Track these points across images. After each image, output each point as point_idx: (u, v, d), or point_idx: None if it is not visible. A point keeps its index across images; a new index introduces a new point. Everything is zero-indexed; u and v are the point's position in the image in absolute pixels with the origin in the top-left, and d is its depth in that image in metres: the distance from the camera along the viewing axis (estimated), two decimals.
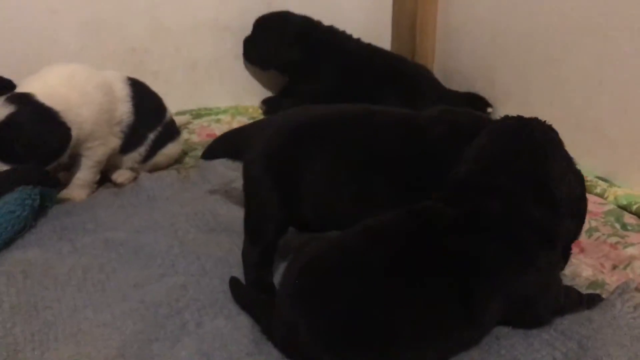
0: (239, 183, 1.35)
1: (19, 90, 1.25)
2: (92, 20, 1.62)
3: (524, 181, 0.86)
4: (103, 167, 1.37)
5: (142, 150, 1.40)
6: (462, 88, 1.77)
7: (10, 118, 1.19)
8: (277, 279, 0.98)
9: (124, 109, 1.36)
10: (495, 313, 0.85)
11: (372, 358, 0.82)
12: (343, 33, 1.80)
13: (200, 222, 1.23)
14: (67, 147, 1.24)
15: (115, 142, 1.35)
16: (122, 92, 1.36)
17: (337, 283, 0.83)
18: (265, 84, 1.89)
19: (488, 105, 1.70)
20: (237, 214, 1.24)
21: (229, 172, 1.41)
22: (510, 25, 1.60)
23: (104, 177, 1.41)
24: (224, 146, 1.20)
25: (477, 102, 1.70)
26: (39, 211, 1.21)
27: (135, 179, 1.42)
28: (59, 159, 1.25)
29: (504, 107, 1.63)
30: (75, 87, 1.28)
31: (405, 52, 1.88)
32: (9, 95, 1.22)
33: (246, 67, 1.85)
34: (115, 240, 1.15)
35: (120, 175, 1.41)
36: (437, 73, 1.83)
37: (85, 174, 1.33)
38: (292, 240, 1.08)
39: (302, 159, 1.01)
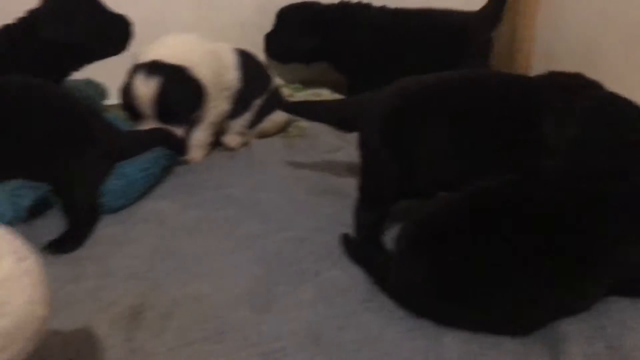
0: (344, 152, 1.44)
1: (141, 58, 1.36)
2: None
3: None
4: (216, 130, 1.48)
5: (247, 115, 1.50)
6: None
7: (162, 85, 1.30)
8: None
9: (232, 76, 1.45)
10: (605, 285, 0.88)
11: (480, 310, 0.87)
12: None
13: (310, 185, 1.31)
14: (203, 98, 1.36)
15: (224, 106, 1.45)
16: (230, 60, 1.46)
17: (452, 239, 0.88)
18: None
19: None
20: (344, 179, 1.32)
21: (335, 140, 1.49)
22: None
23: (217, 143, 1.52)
24: (324, 113, 1.25)
25: None
26: (166, 169, 1.33)
27: (246, 144, 1.52)
28: (198, 111, 1.37)
29: None
30: (194, 50, 1.38)
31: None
32: (144, 64, 1.33)
33: None
34: (236, 196, 1.25)
35: (232, 140, 1.51)
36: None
37: (201, 135, 1.44)
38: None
39: (418, 127, 1.04)
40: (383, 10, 1.71)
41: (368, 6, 1.73)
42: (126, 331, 0.86)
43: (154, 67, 1.31)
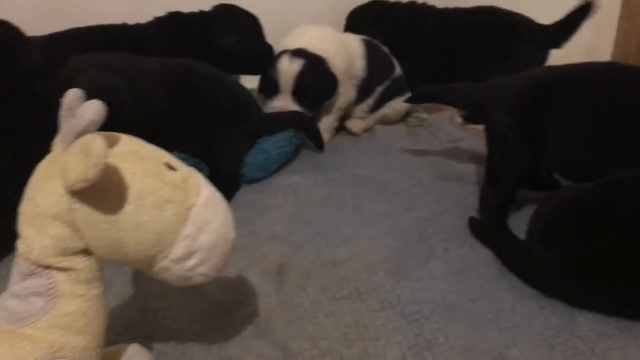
0: (466, 141, 1.47)
1: (287, 45, 1.47)
2: None
3: None
4: (341, 115, 1.56)
5: (370, 101, 1.58)
6: None
7: (303, 67, 1.41)
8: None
9: (359, 65, 1.53)
10: None
11: (619, 293, 0.88)
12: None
13: (433, 171, 1.35)
14: (336, 90, 1.46)
15: (352, 94, 1.54)
16: (358, 49, 1.54)
17: (589, 223, 0.90)
18: None
19: None
20: (468, 165, 1.35)
21: (456, 131, 1.53)
22: None
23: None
24: (455, 97, 1.29)
25: None
26: (298, 149, 1.43)
27: (369, 130, 1.59)
28: (330, 98, 1.47)
29: None
30: (329, 41, 1.48)
31: None
32: (291, 50, 1.44)
33: None
34: (362, 176, 1.32)
35: (355, 125, 1.59)
36: None
37: (329, 119, 1.53)
38: None
39: (549, 114, 1.07)
40: (448, 10, 1.75)
41: (432, 6, 1.78)
42: (275, 283, 0.95)
43: (299, 53, 1.42)
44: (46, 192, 0.60)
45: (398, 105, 1.61)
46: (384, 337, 0.85)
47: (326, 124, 1.52)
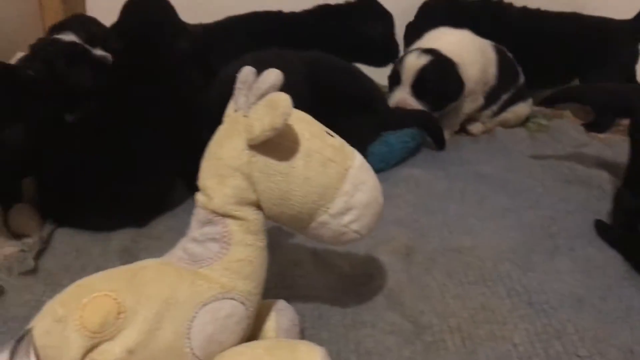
0: (591, 147, 1.45)
1: (420, 44, 1.51)
2: None
3: None
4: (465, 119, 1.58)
5: (495, 107, 1.58)
6: None
7: (428, 64, 1.44)
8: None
9: (492, 72, 1.54)
10: None
11: None
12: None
13: (556, 173, 1.34)
14: (460, 95, 1.46)
15: (481, 100, 1.54)
16: (492, 56, 1.55)
17: None
18: None
19: None
20: (593, 170, 1.34)
21: (580, 136, 1.52)
22: None
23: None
24: (597, 98, 1.27)
25: None
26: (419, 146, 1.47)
27: (488, 131, 1.60)
28: (454, 103, 1.48)
29: None
30: (467, 48, 1.49)
31: None
32: (422, 48, 1.48)
33: None
34: (484, 173, 1.34)
35: (475, 127, 1.60)
36: None
37: (452, 122, 1.55)
38: None
39: None
40: (524, 9, 1.72)
41: (510, 5, 1.74)
42: (403, 263, 0.99)
43: (430, 52, 1.45)
44: (229, 147, 0.69)
45: (520, 109, 1.62)
46: (511, 323, 0.87)
47: (448, 126, 1.54)
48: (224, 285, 0.68)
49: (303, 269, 0.97)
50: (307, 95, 1.24)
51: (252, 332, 0.74)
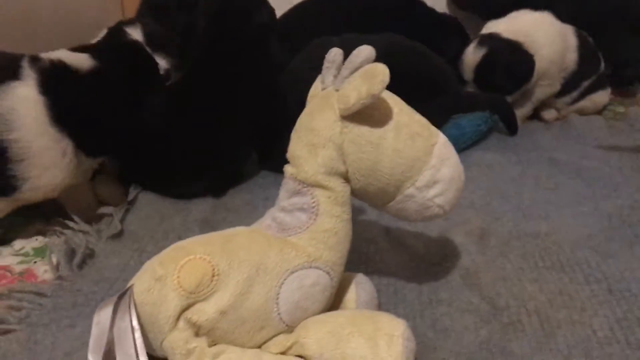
0: None
1: (485, 30, 1.49)
2: None
3: None
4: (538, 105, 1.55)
5: (575, 94, 1.54)
6: None
7: (486, 54, 1.44)
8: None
9: (572, 58, 1.50)
10: None
11: None
12: None
13: (635, 162, 1.30)
14: (532, 73, 1.43)
15: (557, 86, 1.51)
16: (572, 41, 1.50)
17: None
18: None
19: None
20: None
21: None
22: None
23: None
24: None
25: None
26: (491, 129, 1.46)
27: (562, 117, 1.56)
28: (526, 85, 1.45)
29: None
30: (541, 29, 1.46)
31: None
32: (482, 35, 1.48)
33: None
34: (557, 160, 1.31)
35: (549, 114, 1.57)
36: None
37: (525, 107, 1.52)
38: None
39: None
40: None
41: None
42: (478, 245, 0.99)
43: (488, 39, 1.43)
44: (321, 118, 0.71)
45: (599, 98, 1.57)
46: (590, 309, 0.85)
47: (521, 111, 1.52)
48: (310, 255, 0.70)
49: (377, 246, 0.98)
50: None
51: (333, 303, 0.76)
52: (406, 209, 0.74)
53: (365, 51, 0.70)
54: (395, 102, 0.73)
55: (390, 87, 0.93)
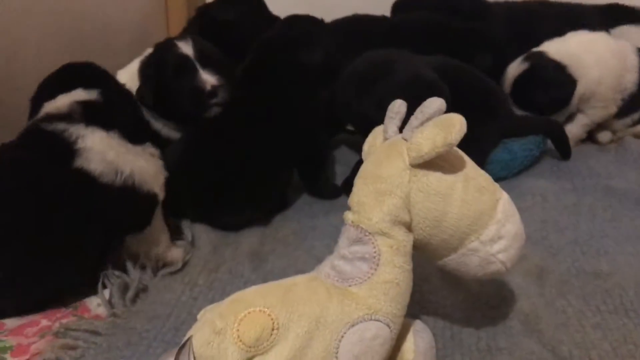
0: None
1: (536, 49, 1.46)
2: None
3: None
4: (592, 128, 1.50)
5: (635, 116, 1.48)
6: None
7: (525, 70, 1.41)
8: None
9: (631, 79, 1.44)
10: None
11: None
12: None
13: None
14: (570, 97, 1.40)
15: (614, 108, 1.46)
16: (632, 62, 1.45)
17: None
18: None
19: None
20: None
21: None
22: None
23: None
24: None
25: None
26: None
27: (617, 140, 1.51)
28: (565, 108, 1.42)
29: None
30: (592, 50, 1.42)
31: None
32: (531, 52, 1.44)
33: None
34: (615, 188, 1.26)
35: (605, 136, 1.52)
36: None
37: (574, 129, 1.47)
38: None
39: None
40: None
41: None
42: (536, 286, 0.95)
43: (533, 56, 1.41)
44: (390, 166, 0.69)
45: None
46: None
47: (574, 134, 1.47)
48: (370, 307, 0.68)
49: (432, 285, 0.95)
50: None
51: (391, 352, 0.74)
52: (468, 263, 0.72)
53: (437, 102, 0.69)
54: (463, 154, 0.73)
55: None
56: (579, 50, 1.42)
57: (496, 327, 0.87)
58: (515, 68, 1.44)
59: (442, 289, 0.95)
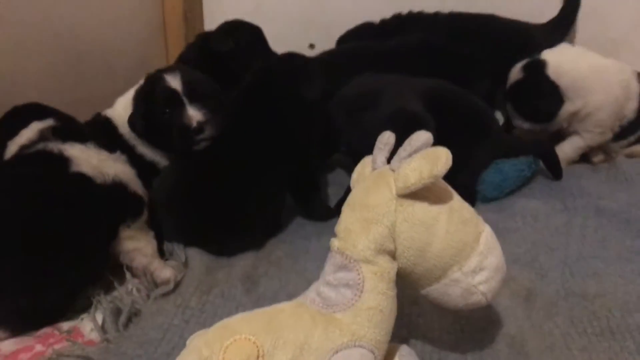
0: None
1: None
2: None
3: None
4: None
5: (632, 139, 1.51)
6: None
7: (524, 76, 1.45)
8: None
9: (631, 106, 1.46)
10: None
11: None
12: None
13: None
14: (554, 115, 1.43)
15: (610, 135, 1.47)
16: (635, 89, 1.46)
17: None
18: None
19: None
20: None
21: None
22: None
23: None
24: None
25: None
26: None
27: (610, 160, 1.52)
28: (549, 123, 1.45)
29: None
30: (601, 78, 1.43)
31: None
32: (528, 60, 1.47)
33: None
34: (606, 209, 1.27)
35: (597, 156, 1.53)
36: None
37: (568, 150, 1.49)
38: None
39: None
40: (438, 15, 1.68)
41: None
42: (523, 308, 0.97)
43: (534, 65, 1.43)
44: (377, 196, 0.72)
45: None
46: None
47: (567, 155, 1.48)
48: (354, 333, 0.69)
49: (420, 308, 0.97)
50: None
51: None
52: (450, 293, 0.74)
53: (424, 135, 0.72)
54: (448, 187, 0.75)
55: (435, 130, 0.95)
56: (587, 73, 1.43)
57: (483, 351, 0.88)
58: (515, 74, 1.47)
59: (430, 312, 0.96)
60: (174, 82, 1.17)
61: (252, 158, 1.15)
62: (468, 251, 0.72)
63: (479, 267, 0.73)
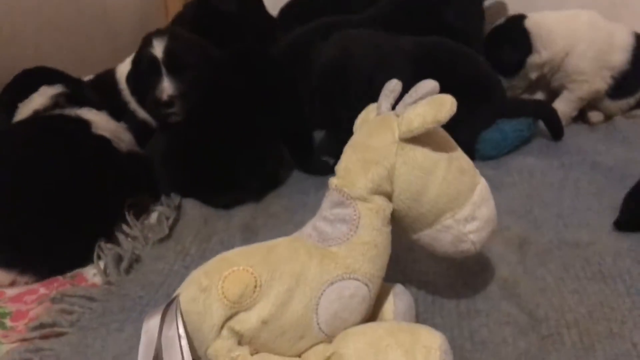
0: None
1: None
2: None
3: None
4: (582, 105, 1.52)
5: (631, 100, 1.51)
6: None
7: (495, 28, 1.52)
8: None
9: (620, 57, 1.47)
10: None
11: None
12: None
13: None
14: (520, 64, 1.49)
15: (601, 84, 1.48)
16: (623, 41, 1.47)
17: None
18: None
19: None
20: None
21: None
22: None
23: None
24: None
25: None
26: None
27: (608, 119, 1.53)
28: (518, 73, 1.50)
29: None
30: (566, 24, 1.48)
31: None
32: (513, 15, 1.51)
33: None
34: (601, 165, 1.29)
35: (596, 116, 1.54)
36: None
37: (562, 106, 1.50)
38: None
39: None
40: None
41: None
42: (517, 255, 0.98)
43: (512, 17, 1.49)
44: (380, 137, 0.74)
45: None
46: (631, 321, 0.84)
47: (563, 112, 1.49)
48: (349, 266, 0.71)
49: (416, 254, 0.99)
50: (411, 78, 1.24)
51: (371, 313, 0.77)
52: (441, 239, 0.76)
53: (431, 83, 0.74)
54: (450, 139, 0.77)
55: None
56: (551, 22, 1.48)
57: (475, 292, 0.90)
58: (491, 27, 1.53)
59: (426, 259, 0.98)
60: (158, 49, 1.17)
61: (241, 118, 1.16)
62: (462, 200, 0.74)
63: (471, 216, 0.75)
